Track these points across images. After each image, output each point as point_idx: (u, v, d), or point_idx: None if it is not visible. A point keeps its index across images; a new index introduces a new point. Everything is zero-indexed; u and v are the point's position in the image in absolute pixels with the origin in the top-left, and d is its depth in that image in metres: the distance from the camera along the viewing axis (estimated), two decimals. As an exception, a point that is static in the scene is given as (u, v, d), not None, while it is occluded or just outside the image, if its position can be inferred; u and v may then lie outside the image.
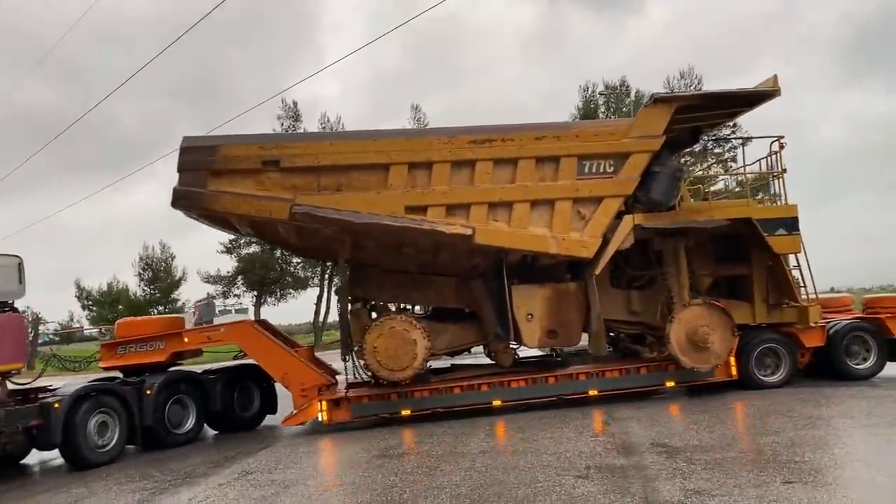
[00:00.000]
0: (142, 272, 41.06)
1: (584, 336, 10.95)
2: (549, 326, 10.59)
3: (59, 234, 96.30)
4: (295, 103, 37.00)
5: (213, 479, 7.86)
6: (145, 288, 41.68)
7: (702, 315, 10.47)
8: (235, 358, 11.72)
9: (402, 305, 11.64)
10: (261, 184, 9.78)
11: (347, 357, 10.69)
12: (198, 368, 11.50)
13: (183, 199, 9.73)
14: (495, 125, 10.20)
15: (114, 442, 9.59)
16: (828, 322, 11.47)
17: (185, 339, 10.66)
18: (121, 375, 10.73)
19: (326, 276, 36.70)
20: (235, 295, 41.00)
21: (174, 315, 12.66)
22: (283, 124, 38.11)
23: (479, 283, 11.20)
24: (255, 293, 39.09)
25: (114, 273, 52.81)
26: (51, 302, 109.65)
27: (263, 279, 36.98)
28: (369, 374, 10.60)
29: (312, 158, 9.77)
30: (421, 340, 10.22)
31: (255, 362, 11.09)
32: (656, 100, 10.21)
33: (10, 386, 9.44)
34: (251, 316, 41.48)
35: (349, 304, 10.95)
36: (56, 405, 9.07)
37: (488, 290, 11.10)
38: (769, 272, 11.16)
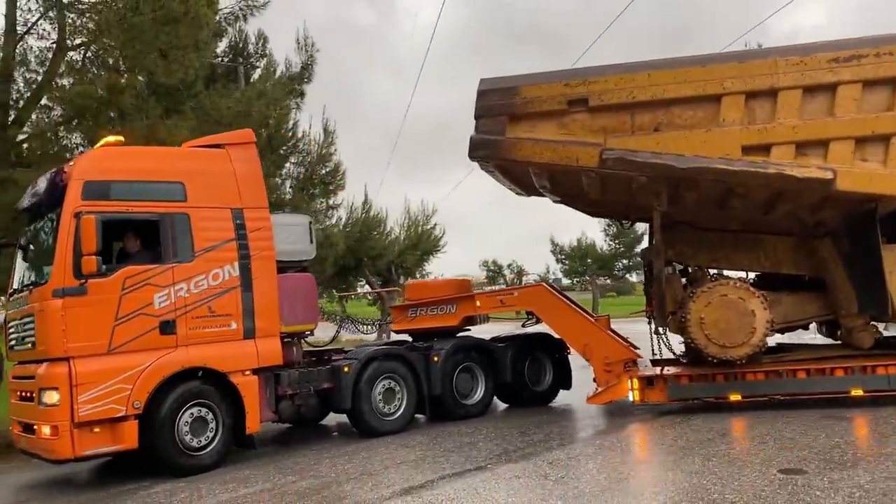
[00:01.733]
0: (606, 227, 42.35)
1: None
2: None
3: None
4: (759, 45, 34.03)
5: (628, 428, 8.15)
6: (610, 242, 43.14)
7: None
8: (524, 326, 10.72)
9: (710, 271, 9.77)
10: (564, 127, 8.50)
11: (663, 329, 9.13)
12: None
13: (480, 149, 8.79)
14: (865, 37, 7.92)
15: (401, 411, 8.97)
16: None
17: (478, 303, 9.87)
18: (409, 339, 10.28)
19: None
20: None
21: (463, 277, 12.07)
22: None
23: (827, 242, 8.99)
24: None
25: (582, 229, 56.22)
26: (531, 255, 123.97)
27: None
28: (684, 350, 8.99)
29: (627, 94, 8.27)
30: (760, 312, 8.34)
31: (546, 332, 10.08)
32: None
33: (305, 347, 9.28)
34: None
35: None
36: (346, 369, 8.64)
37: (840, 251, 8.86)
38: None
